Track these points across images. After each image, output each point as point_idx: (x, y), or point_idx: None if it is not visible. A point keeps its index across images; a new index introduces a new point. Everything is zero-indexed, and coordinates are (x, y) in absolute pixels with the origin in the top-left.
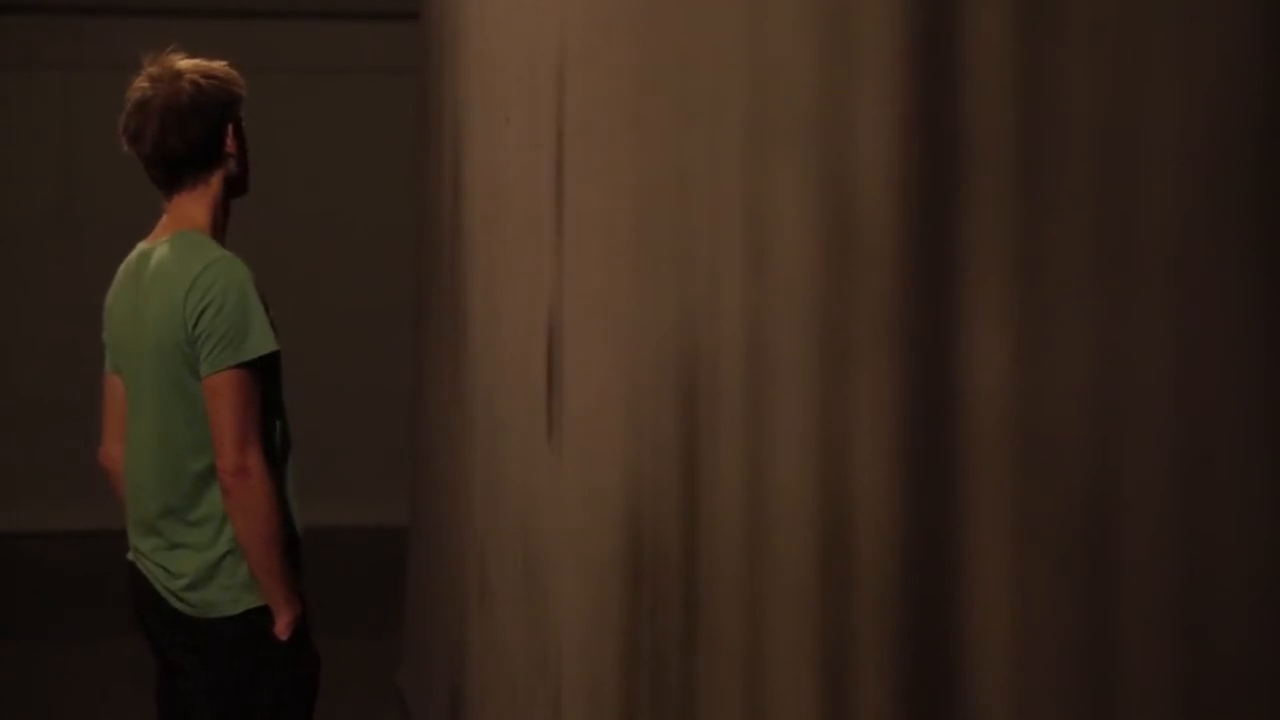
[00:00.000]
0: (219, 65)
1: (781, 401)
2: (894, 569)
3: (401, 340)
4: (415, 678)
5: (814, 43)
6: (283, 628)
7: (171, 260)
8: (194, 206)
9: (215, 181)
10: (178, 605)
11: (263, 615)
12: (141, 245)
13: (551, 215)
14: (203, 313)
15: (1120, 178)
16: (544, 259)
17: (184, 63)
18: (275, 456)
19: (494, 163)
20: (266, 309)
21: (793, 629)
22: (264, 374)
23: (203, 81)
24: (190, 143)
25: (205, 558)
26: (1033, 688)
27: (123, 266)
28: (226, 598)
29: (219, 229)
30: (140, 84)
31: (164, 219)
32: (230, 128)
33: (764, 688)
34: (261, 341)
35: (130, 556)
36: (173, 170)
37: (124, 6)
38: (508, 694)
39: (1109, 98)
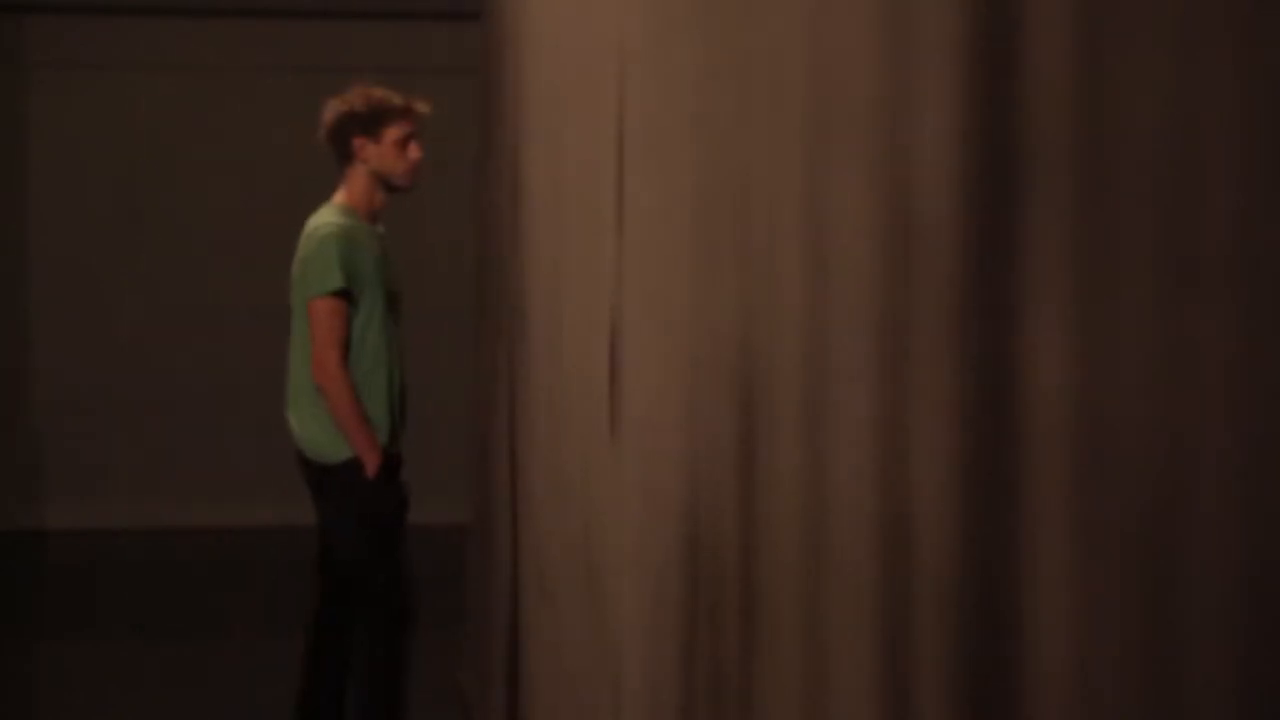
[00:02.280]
0: (377, 93)
1: (840, 401)
2: (955, 570)
3: (460, 340)
4: (475, 676)
5: (874, 40)
6: (371, 469)
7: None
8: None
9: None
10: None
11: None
12: None
13: (612, 214)
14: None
15: (1184, 171)
16: (604, 258)
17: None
18: (364, 366)
19: (554, 163)
20: (388, 264)
21: (852, 630)
22: (353, 307)
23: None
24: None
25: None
26: (1095, 694)
27: None
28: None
29: (364, 208)
30: None
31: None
32: (356, 140)
33: (824, 689)
34: (330, 280)
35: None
36: None
37: (125, 6)
38: (567, 694)
39: (1172, 91)
